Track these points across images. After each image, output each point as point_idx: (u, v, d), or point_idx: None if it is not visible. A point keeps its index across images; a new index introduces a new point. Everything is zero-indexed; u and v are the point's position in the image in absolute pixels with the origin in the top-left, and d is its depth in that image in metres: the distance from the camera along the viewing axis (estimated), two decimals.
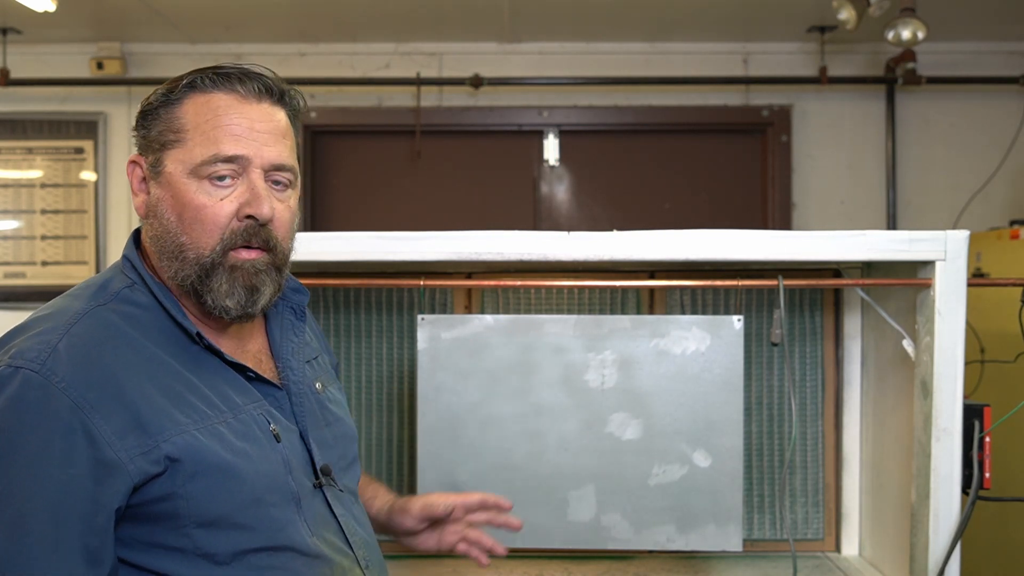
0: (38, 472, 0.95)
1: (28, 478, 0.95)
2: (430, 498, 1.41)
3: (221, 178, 1.08)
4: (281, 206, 1.13)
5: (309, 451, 1.17)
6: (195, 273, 1.09)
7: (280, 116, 1.14)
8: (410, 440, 1.87)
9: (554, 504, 1.69)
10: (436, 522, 1.40)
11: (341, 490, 1.22)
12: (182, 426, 1.02)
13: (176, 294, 1.12)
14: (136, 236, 1.18)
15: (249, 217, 1.09)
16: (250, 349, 1.18)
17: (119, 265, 1.15)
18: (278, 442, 1.12)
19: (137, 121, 1.14)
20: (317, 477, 1.17)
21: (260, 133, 1.10)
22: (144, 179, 1.13)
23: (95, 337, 1.03)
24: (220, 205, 1.08)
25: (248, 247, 1.10)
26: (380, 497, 1.45)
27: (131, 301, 1.09)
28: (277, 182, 1.13)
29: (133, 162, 1.14)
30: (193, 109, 1.09)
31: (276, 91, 1.14)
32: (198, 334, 1.10)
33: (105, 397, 0.99)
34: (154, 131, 1.11)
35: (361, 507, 1.27)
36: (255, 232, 1.10)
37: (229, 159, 1.08)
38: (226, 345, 1.15)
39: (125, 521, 1.00)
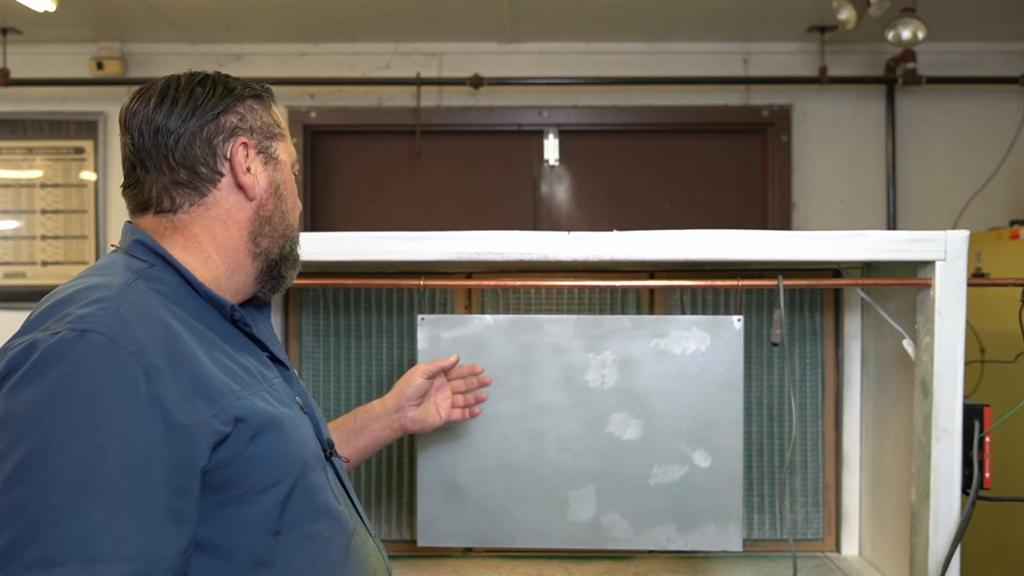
0: (112, 436, 0.91)
1: (104, 442, 0.91)
2: (404, 382, 1.56)
3: None
4: None
5: (316, 426, 1.21)
6: (289, 256, 1.21)
7: None
8: (409, 440, 1.87)
9: (554, 504, 1.69)
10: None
11: (347, 460, 1.29)
12: (237, 392, 1.03)
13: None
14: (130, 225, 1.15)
15: None
16: None
17: (126, 251, 1.12)
18: (304, 413, 1.17)
19: (227, 105, 1.13)
20: (324, 450, 1.21)
21: None
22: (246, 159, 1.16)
23: (148, 305, 1.01)
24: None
25: None
26: (365, 414, 1.56)
27: (156, 279, 1.08)
28: None
29: (244, 143, 1.14)
30: (276, 112, 1.21)
31: None
32: (232, 308, 1.12)
33: (170, 363, 0.97)
34: (258, 121, 1.16)
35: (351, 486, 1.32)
36: None
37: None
38: None
39: None
